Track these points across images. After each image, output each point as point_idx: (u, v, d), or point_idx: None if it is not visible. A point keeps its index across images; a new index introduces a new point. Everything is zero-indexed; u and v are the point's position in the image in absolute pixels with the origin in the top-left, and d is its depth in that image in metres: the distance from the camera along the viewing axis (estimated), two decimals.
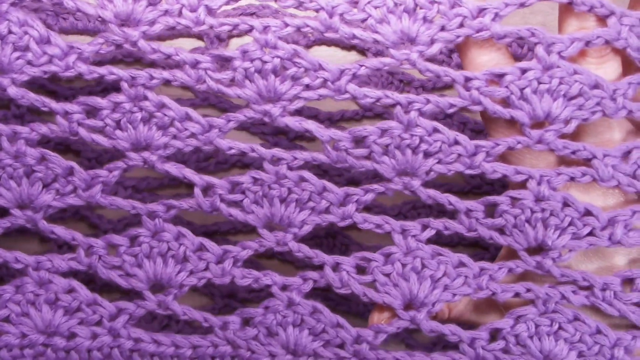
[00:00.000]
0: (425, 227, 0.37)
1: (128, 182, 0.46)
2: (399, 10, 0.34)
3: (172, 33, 0.36)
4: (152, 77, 0.35)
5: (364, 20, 0.35)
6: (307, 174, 0.36)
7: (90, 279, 0.41)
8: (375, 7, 0.35)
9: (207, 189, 0.37)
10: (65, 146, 0.46)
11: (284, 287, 0.37)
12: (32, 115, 0.44)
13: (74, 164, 0.37)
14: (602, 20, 0.34)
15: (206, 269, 0.38)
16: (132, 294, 0.39)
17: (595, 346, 0.37)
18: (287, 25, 0.35)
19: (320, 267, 0.37)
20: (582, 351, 0.37)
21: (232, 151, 0.36)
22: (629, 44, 0.34)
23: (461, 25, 0.34)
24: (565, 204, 0.35)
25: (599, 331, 0.37)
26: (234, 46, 0.36)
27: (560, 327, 0.37)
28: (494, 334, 0.37)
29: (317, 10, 0.35)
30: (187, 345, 0.38)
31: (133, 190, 0.46)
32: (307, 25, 0.35)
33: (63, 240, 0.37)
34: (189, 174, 0.36)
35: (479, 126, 0.45)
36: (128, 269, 0.38)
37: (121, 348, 0.38)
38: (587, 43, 0.34)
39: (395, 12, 0.34)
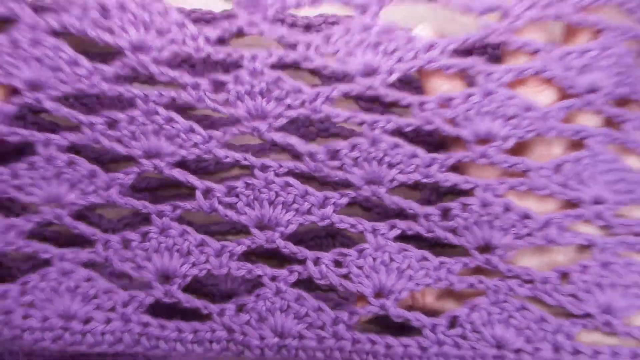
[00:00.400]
0: (392, 227, 0.41)
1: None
2: (364, 45, 0.39)
3: (179, 56, 0.41)
4: (161, 95, 0.40)
5: (334, 53, 0.39)
6: (292, 179, 0.40)
7: None
8: (345, 43, 0.39)
9: (206, 192, 0.41)
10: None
11: (273, 278, 0.41)
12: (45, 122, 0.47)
13: (96, 167, 0.41)
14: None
15: (206, 261, 0.41)
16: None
17: (540, 332, 0.40)
18: (271, 55, 0.39)
19: (304, 262, 0.41)
20: (529, 336, 0.40)
21: (228, 159, 0.41)
22: (554, 75, 0.39)
23: (415, 57, 0.39)
24: (507, 208, 0.40)
25: (543, 319, 0.40)
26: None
27: (509, 315, 0.40)
28: (453, 322, 0.41)
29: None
30: (189, 330, 0.41)
31: (133, 189, 0.48)
32: (289, 56, 0.40)
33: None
34: (192, 179, 0.41)
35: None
36: (139, 261, 0.41)
37: (131, 332, 0.41)
38: (520, 72, 0.39)
39: (361, 46, 0.39)
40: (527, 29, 0.39)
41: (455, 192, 0.42)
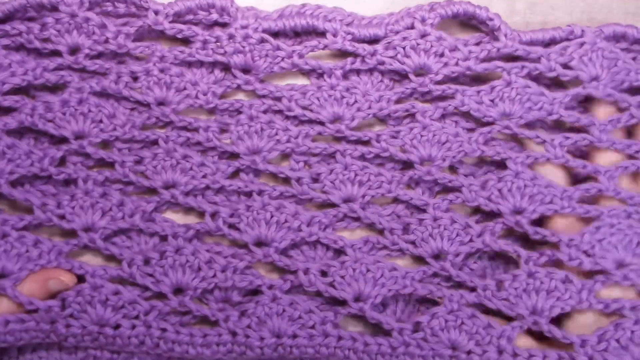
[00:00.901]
0: (366, 242, 0.49)
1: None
2: (332, 99, 0.49)
3: (192, 106, 0.49)
4: (179, 136, 0.49)
5: (310, 105, 0.49)
6: (285, 202, 0.48)
7: None
8: (317, 97, 0.49)
9: (213, 214, 0.48)
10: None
11: (270, 287, 0.48)
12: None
13: (124, 197, 0.48)
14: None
15: (214, 276, 0.48)
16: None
17: (487, 336, 0.47)
18: (263, 103, 0.49)
19: (295, 272, 0.48)
20: (478, 340, 0.47)
21: (232, 187, 0.49)
22: (469, 108, 0.49)
23: (369, 107, 0.49)
24: (453, 220, 0.48)
25: (489, 325, 0.47)
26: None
27: (462, 322, 0.47)
28: (417, 327, 0.47)
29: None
30: (199, 334, 0.47)
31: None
32: (276, 105, 0.49)
33: None
34: (202, 204, 0.48)
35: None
36: (158, 276, 0.47)
37: (151, 336, 0.47)
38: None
39: (329, 100, 0.49)
40: None
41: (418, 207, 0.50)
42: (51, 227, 0.49)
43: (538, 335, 0.48)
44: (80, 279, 0.48)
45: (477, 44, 0.50)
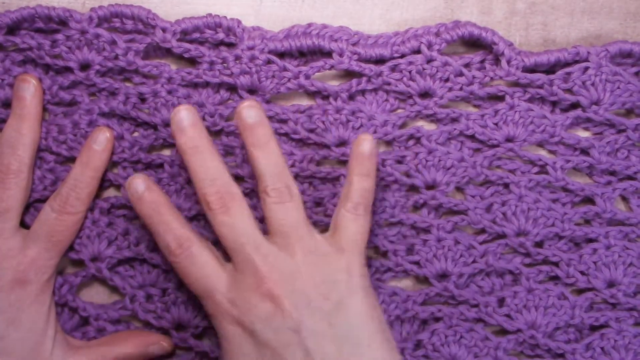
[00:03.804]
0: (369, 266, 0.49)
1: None
2: (337, 123, 0.49)
3: None
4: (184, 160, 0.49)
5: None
6: None
7: None
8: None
9: (216, 243, 0.48)
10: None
11: None
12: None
13: (130, 226, 0.49)
14: None
15: None
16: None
17: (485, 348, 0.49)
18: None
19: None
20: (477, 352, 0.49)
21: None
22: (474, 132, 0.50)
23: (375, 132, 0.49)
24: (457, 241, 0.49)
25: (487, 338, 0.49)
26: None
27: (461, 336, 0.49)
28: (418, 344, 0.49)
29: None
30: None
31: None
32: (282, 128, 0.49)
33: None
34: (205, 231, 0.48)
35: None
36: (159, 312, 0.48)
37: None
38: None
39: (335, 124, 0.49)
40: None
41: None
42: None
43: None
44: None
45: (482, 61, 0.50)
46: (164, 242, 0.44)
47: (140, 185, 0.44)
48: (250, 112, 0.44)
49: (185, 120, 0.43)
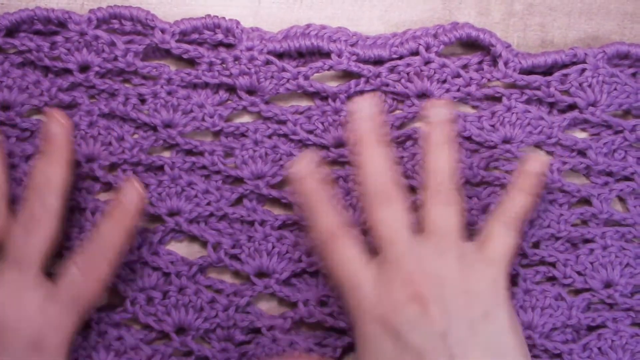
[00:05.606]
0: None
1: None
2: (336, 124, 0.49)
3: (199, 129, 0.49)
4: (184, 162, 0.49)
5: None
6: (285, 232, 0.49)
7: None
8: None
9: (215, 246, 0.49)
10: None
11: (270, 327, 0.48)
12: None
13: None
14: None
15: (216, 316, 0.48)
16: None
17: None
18: (268, 127, 0.49)
19: (296, 304, 0.49)
20: None
21: (235, 215, 0.49)
22: (470, 133, 0.50)
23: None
24: None
25: None
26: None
27: None
28: None
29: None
30: None
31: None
32: (281, 129, 0.49)
33: None
34: (205, 233, 0.49)
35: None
36: (160, 316, 0.48)
37: None
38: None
39: (334, 124, 0.49)
40: None
41: None
42: None
43: None
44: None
45: (479, 63, 0.51)
46: (321, 225, 0.44)
47: (308, 164, 0.44)
48: (441, 110, 0.45)
49: (366, 109, 0.45)
